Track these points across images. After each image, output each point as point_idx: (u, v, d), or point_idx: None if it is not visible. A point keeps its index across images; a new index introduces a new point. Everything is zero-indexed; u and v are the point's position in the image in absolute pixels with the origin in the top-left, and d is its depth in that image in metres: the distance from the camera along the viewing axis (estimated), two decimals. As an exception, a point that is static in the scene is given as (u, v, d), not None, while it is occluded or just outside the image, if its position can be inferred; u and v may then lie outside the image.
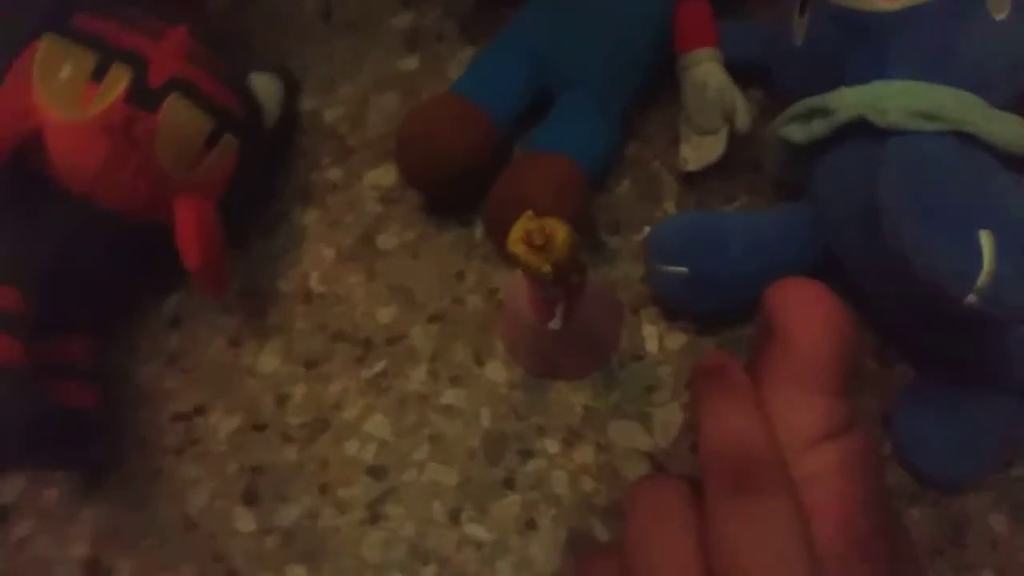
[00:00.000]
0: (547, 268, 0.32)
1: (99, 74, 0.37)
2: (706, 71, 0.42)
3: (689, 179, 0.44)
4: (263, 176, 0.46)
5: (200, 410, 0.41)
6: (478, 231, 0.45)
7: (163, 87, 0.38)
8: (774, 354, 0.28)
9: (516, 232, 0.32)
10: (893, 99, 0.34)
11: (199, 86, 0.39)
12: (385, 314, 0.43)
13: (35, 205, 0.36)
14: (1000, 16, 0.35)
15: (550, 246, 0.32)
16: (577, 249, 0.33)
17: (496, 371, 0.41)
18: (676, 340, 0.41)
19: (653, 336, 0.41)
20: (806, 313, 0.28)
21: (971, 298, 0.29)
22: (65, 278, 0.37)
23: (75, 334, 0.38)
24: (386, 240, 0.45)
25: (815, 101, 0.37)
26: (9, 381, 0.33)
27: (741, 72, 0.43)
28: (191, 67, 0.39)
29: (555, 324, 0.36)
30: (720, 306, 0.40)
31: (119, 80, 0.37)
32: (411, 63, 0.50)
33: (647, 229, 0.43)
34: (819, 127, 0.37)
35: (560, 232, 0.32)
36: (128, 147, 0.37)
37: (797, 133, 0.38)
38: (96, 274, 0.39)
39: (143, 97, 0.37)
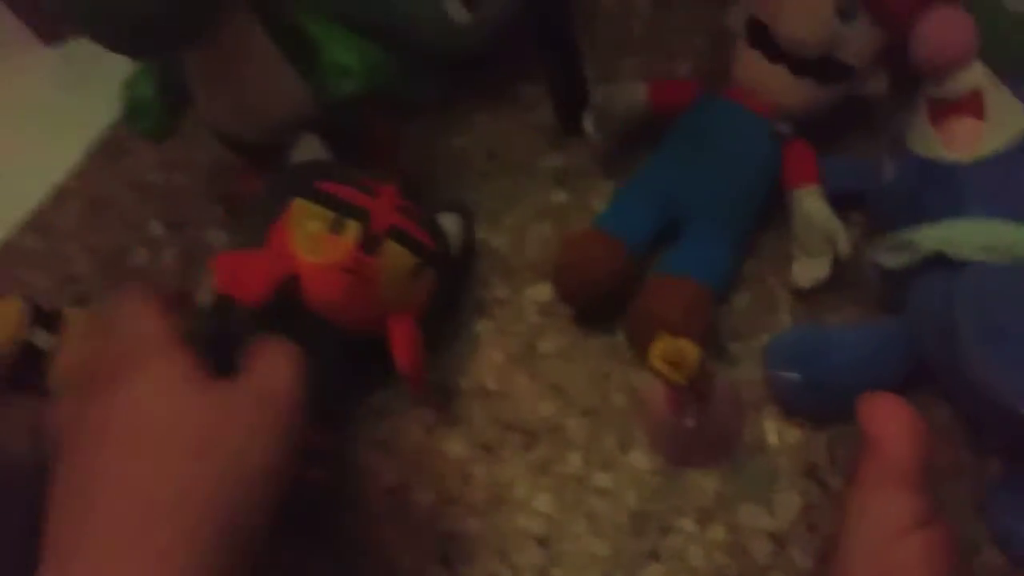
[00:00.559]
0: (681, 380, 0.41)
1: (336, 227, 0.48)
2: (811, 205, 0.50)
3: (800, 293, 0.52)
4: (449, 295, 0.57)
5: (403, 486, 0.52)
6: (620, 338, 0.54)
7: (382, 235, 0.49)
8: (867, 459, 0.36)
9: (655, 351, 0.41)
10: (966, 237, 0.41)
11: (407, 231, 0.50)
12: (545, 408, 0.53)
13: (297, 331, 0.48)
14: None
15: (683, 363, 0.41)
16: (704, 362, 0.42)
17: (639, 459, 0.50)
18: (793, 435, 0.48)
19: (773, 431, 0.49)
20: (889, 424, 0.36)
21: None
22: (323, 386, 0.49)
23: (317, 424, 0.50)
24: (545, 346, 0.55)
25: (902, 236, 0.44)
26: None
27: (842, 200, 0.51)
28: (400, 216, 0.50)
29: (689, 422, 0.45)
30: (829, 407, 0.47)
31: (352, 231, 0.48)
32: (561, 197, 0.61)
33: (765, 337, 0.51)
34: (907, 257, 0.44)
35: (691, 352, 0.41)
36: (359, 283, 0.48)
37: (890, 261, 0.45)
38: (336, 378, 0.50)
39: (369, 244, 0.48)
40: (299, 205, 0.48)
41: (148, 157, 0.72)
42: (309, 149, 0.52)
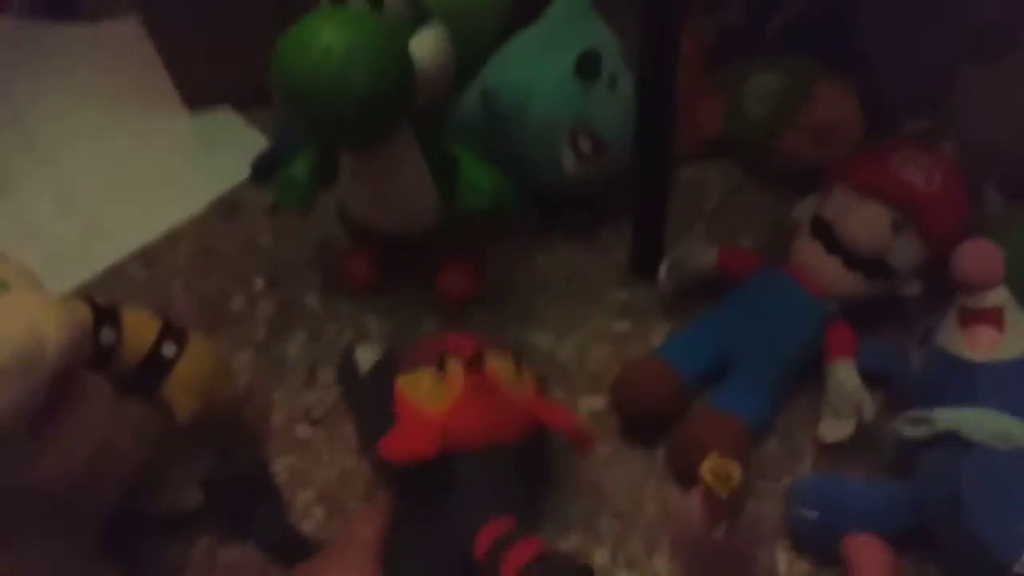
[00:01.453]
0: (724, 493, 0.48)
1: (441, 370, 0.53)
2: (845, 375, 0.59)
3: (823, 448, 0.60)
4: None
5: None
6: (659, 455, 0.61)
7: (477, 353, 0.53)
8: None
9: (707, 463, 0.49)
10: (977, 422, 0.50)
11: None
12: (583, 503, 0.59)
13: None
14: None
15: (729, 479, 0.48)
16: (743, 487, 0.49)
17: (661, 564, 0.56)
18: (801, 568, 0.55)
19: (784, 561, 0.55)
20: (869, 559, 0.44)
21: (1017, 568, 0.42)
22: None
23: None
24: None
25: (922, 413, 0.52)
26: None
27: (869, 377, 0.60)
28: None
29: (717, 534, 0.52)
30: (836, 546, 0.53)
31: (454, 364, 0.53)
32: (624, 326, 0.69)
33: (788, 479, 0.58)
34: (923, 431, 0.52)
35: (737, 471, 0.48)
36: (489, 395, 0.53)
37: (908, 431, 0.53)
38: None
39: (473, 363, 0.52)
40: (403, 381, 0.54)
41: (262, 222, 0.82)
42: (369, 354, 0.61)
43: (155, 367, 0.55)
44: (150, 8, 0.94)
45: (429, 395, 0.52)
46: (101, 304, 0.54)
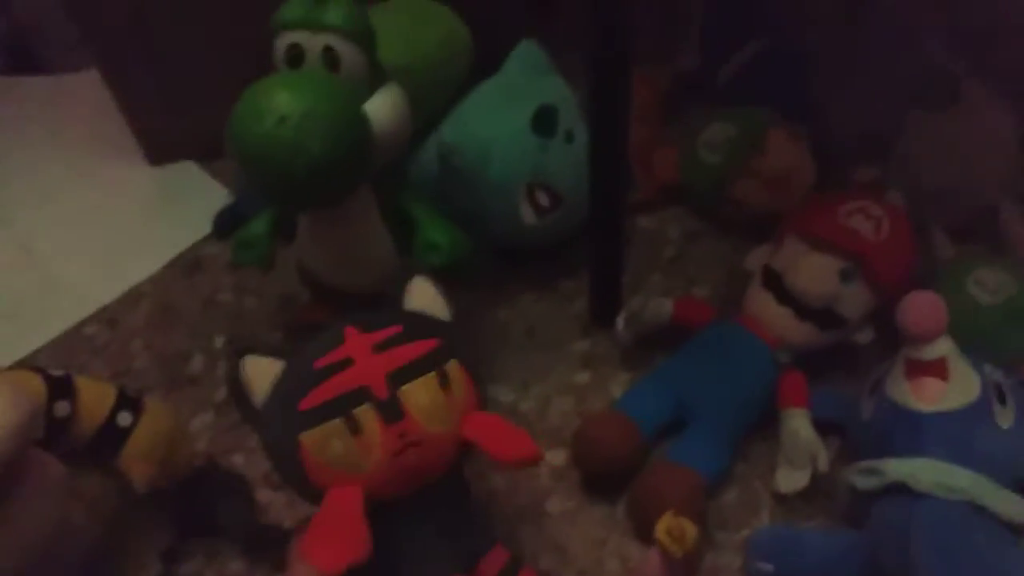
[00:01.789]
0: (679, 552, 0.48)
1: (353, 428, 0.46)
2: (798, 424, 0.59)
3: (780, 497, 0.60)
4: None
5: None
6: (620, 510, 0.61)
7: (391, 392, 0.47)
8: None
9: (662, 524, 0.49)
10: (924, 473, 0.50)
11: (404, 364, 0.48)
12: (545, 562, 0.59)
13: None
14: (1006, 425, 0.52)
15: (684, 538, 0.48)
16: (700, 542, 0.49)
17: (624, 621, 0.56)
18: (761, 621, 0.55)
19: (744, 614, 0.56)
20: None
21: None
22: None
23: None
24: (552, 506, 0.62)
25: (872, 464, 0.53)
26: None
27: (823, 425, 0.61)
28: (384, 354, 0.48)
29: (676, 592, 0.52)
30: (796, 600, 0.54)
31: (368, 419, 0.46)
32: (584, 377, 0.70)
33: (746, 531, 0.59)
34: (874, 481, 0.53)
35: (691, 530, 0.49)
36: (417, 444, 0.47)
37: (860, 482, 0.54)
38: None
39: (388, 414, 0.47)
40: (308, 439, 0.47)
41: (223, 278, 0.82)
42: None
43: (111, 437, 0.54)
44: (109, 61, 0.93)
45: (344, 459, 0.47)
46: (54, 375, 0.53)
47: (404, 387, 0.47)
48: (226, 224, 0.85)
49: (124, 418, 0.55)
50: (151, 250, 0.86)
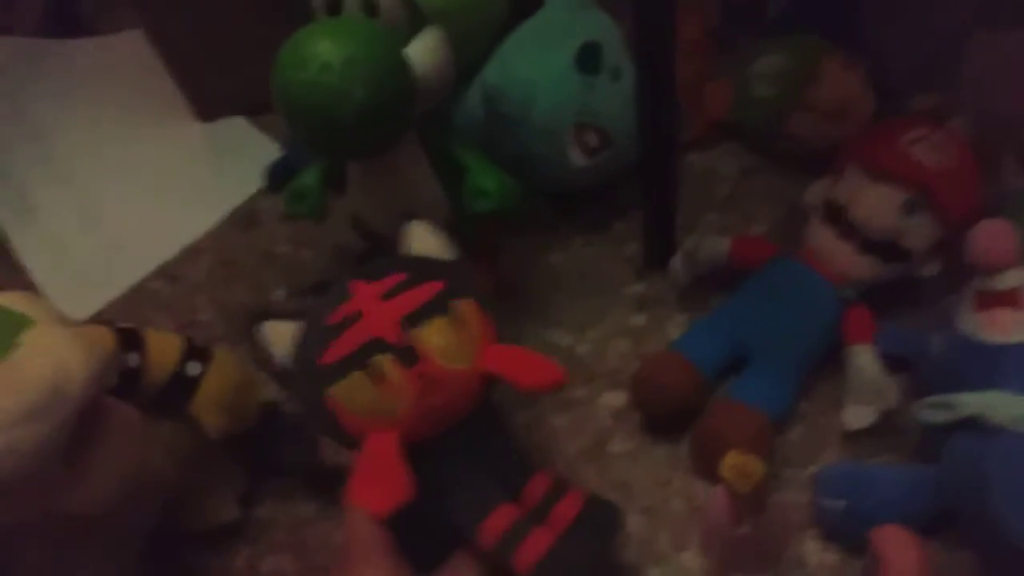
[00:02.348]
0: (745, 490, 0.48)
1: (375, 377, 0.47)
2: (865, 361, 0.58)
3: (846, 435, 0.60)
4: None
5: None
6: (683, 449, 0.61)
7: (405, 337, 0.48)
8: None
9: (727, 462, 0.49)
10: (998, 406, 0.49)
11: (413, 309, 0.49)
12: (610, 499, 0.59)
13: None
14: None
15: (750, 475, 0.48)
16: (766, 479, 0.49)
17: (690, 559, 0.56)
18: (831, 558, 0.55)
19: (813, 552, 0.55)
20: (898, 549, 0.44)
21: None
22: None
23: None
24: (614, 447, 0.62)
25: (943, 398, 0.52)
26: None
27: (891, 362, 0.59)
28: (394, 301, 0.49)
29: (744, 530, 0.52)
30: (866, 534, 0.53)
31: (387, 365, 0.47)
32: (640, 320, 0.70)
33: (812, 468, 0.58)
34: (946, 416, 0.52)
35: (758, 467, 0.48)
36: (436, 381, 0.48)
37: (930, 417, 0.53)
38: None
39: (405, 358, 0.47)
40: (335, 394, 0.48)
41: (279, 231, 0.83)
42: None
43: (181, 386, 0.56)
44: (153, 20, 0.94)
45: (373, 407, 0.48)
46: (124, 328, 0.55)
47: (416, 330, 0.48)
48: (278, 177, 0.85)
49: (193, 367, 0.56)
50: (207, 206, 0.87)
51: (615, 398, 0.65)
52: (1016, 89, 0.67)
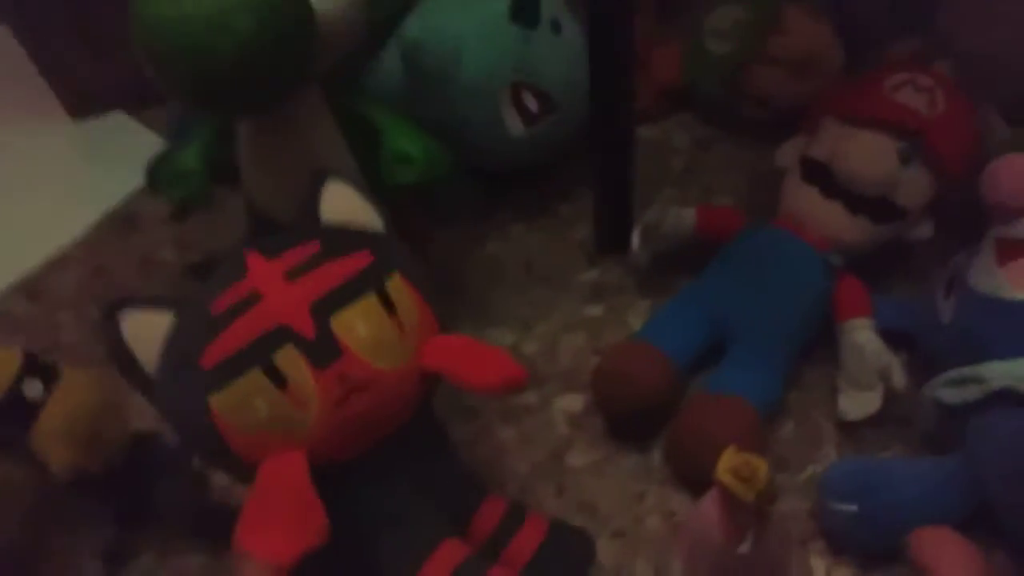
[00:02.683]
0: (751, 496, 0.38)
1: (276, 380, 0.36)
2: (863, 337, 0.50)
3: (845, 427, 0.50)
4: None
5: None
6: (656, 457, 0.51)
7: (320, 328, 0.37)
8: None
9: (724, 464, 0.39)
10: (1038, 374, 0.41)
11: (327, 292, 0.38)
12: (574, 523, 0.48)
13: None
14: None
15: (754, 478, 0.38)
16: (773, 481, 0.39)
17: (675, 588, 0.46)
18: (843, 573, 0.45)
19: (821, 568, 0.46)
20: (944, 555, 0.34)
21: None
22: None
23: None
24: (574, 459, 0.52)
25: (968, 371, 0.44)
26: None
27: (890, 338, 0.51)
28: (303, 282, 0.38)
29: (744, 547, 0.42)
30: (884, 543, 0.44)
31: (294, 365, 0.37)
32: (596, 310, 0.60)
33: (811, 469, 0.49)
34: (972, 392, 0.43)
35: (763, 468, 0.38)
36: (361, 384, 0.38)
37: (951, 396, 0.44)
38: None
39: (318, 355, 0.37)
40: (220, 403, 0.37)
41: (162, 234, 0.70)
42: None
43: (17, 411, 0.43)
44: (17, 12, 0.82)
45: (273, 420, 0.36)
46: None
47: (336, 317, 0.37)
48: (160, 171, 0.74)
49: (32, 387, 0.44)
50: (78, 210, 0.74)
51: (572, 402, 0.55)
52: (995, 35, 0.61)
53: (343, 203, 0.43)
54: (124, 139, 0.81)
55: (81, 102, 0.84)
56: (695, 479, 0.48)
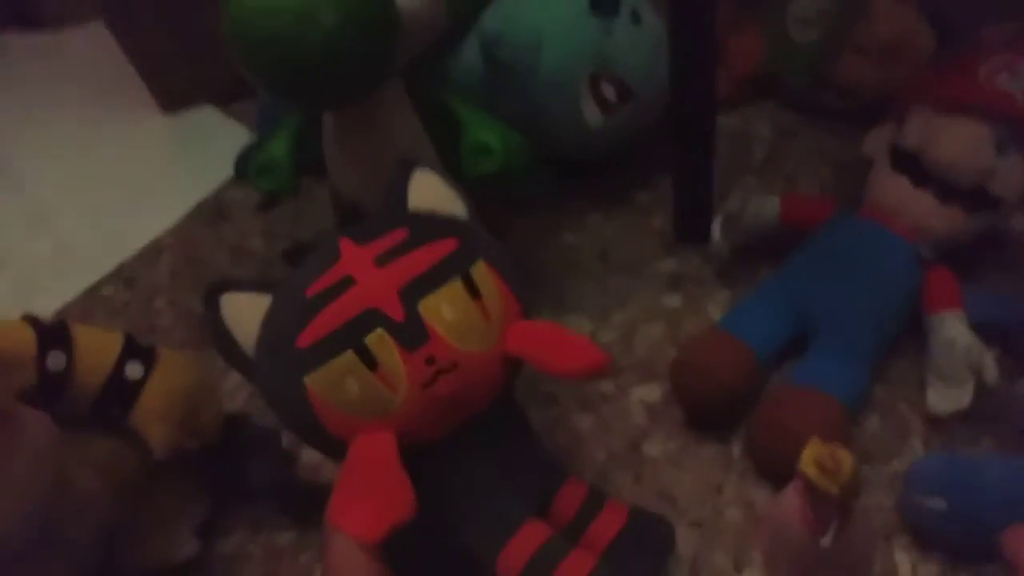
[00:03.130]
0: (835, 489, 0.38)
1: (368, 361, 0.37)
2: (954, 330, 0.48)
3: (934, 421, 0.49)
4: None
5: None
6: (735, 448, 0.51)
7: (407, 313, 0.38)
8: None
9: (808, 455, 0.38)
10: None
11: (416, 276, 0.39)
12: (650, 514, 0.49)
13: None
14: None
15: (839, 471, 0.38)
16: (858, 474, 0.38)
17: (754, 581, 0.46)
18: (928, 570, 0.44)
19: (906, 563, 0.45)
20: None
21: None
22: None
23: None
24: (652, 449, 0.52)
25: (1067, 367, 0.42)
26: None
27: (982, 331, 0.49)
28: (393, 266, 0.39)
29: (826, 541, 0.41)
30: (972, 541, 0.43)
31: (384, 347, 0.37)
32: (675, 301, 0.59)
33: (896, 463, 0.48)
34: (1074, 388, 0.42)
35: (848, 460, 0.38)
36: (451, 371, 0.38)
37: (1048, 392, 0.43)
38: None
39: (407, 339, 0.37)
40: (315, 382, 0.37)
41: (251, 224, 0.73)
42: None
43: (120, 392, 0.45)
44: (114, 10, 0.86)
45: (364, 400, 0.37)
46: (46, 323, 0.45)
47: (423, 302, 0.38)
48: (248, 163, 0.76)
49: (134, 369, 0.46)
50: (171, 201, 0.77)
51: (649, 392, 0.54)
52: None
53: (429, 191, 0.43)
54: (214, 132, 0.85)
55: (172, 96, 0.88)
56: (775, 472, 0.48)
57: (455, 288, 0.38)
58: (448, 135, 0.54)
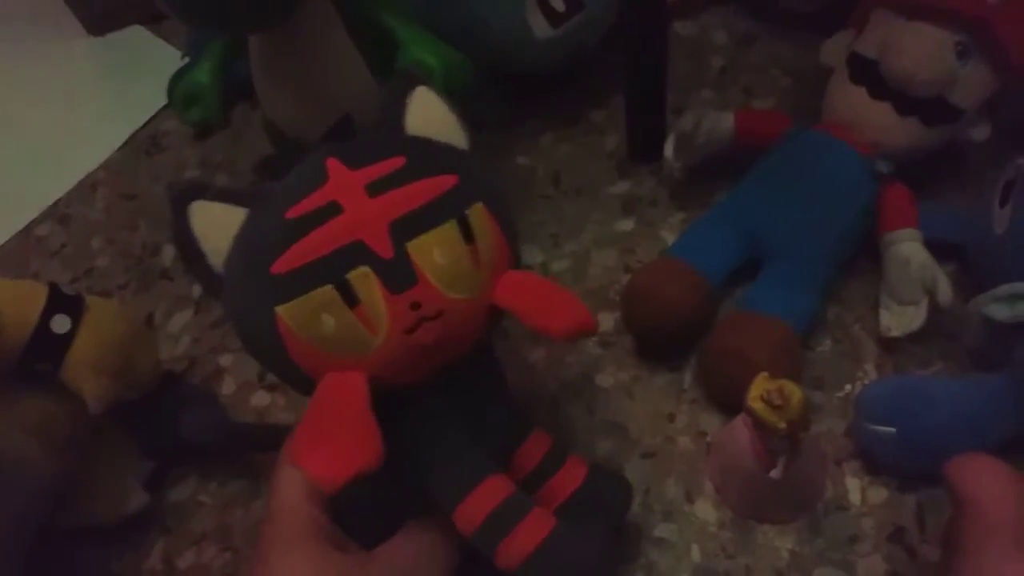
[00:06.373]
0: (782, 425, 0.37)
1: (349, 298, 0.34)
2: (909, 249, 0.47)
3: (887, 343, 0.48)
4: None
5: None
6: (687, 377, 0.50)
7: (399, 249, 0.35)
8: (965, 523, 0.32)
9: (755, 390, 0.38)
10: (1101, 292, 0.38)
11: (408, 212, 0.35)
12: (602, 447, 0.48)
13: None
14: None
15: (787, 406, 0.37)
16: (806, 407, 0.38)
17: (705, 510, 0.45)
18: (878, 494, 0.44)
19: (856, 488, 0.45)
20: (986, 483, 0.33)
21: None
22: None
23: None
24: (604, 379, 0.51)
25: (1018, 287, 0.41)
26: None
27: (935, 250, 0.48)
28: (384, 196, 0.35)
29: (776, 474, 0.41)
30: (922, 465, 0.43)
31: (367, 284, 0.34)
32: (628, 225, 0.57)
33: (848, 387, 0.48)
34: (1022, 310, 0.41)
35: (796, 394, 0.37)
36: (439, 317, 0.36)
37: (1001, 312, 0.42)
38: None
39: (395, 278, 0.34)
40: (287, 313, 0.34)
41: (187, 155, 0.69)
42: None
43: (47, 346, 0.43)
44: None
45: (340, 339, 0.34)
46: (-44, 279, 0.42)
47: (414, 242, 0.34)
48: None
49: (61, 322, 0.44)
50: (102, 132, 0.73)
51: (602, 320, 0.53)
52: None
53: (431, 114, 0.39)
54: (143, 54, 0.79)
55: (98, 16, 0.82)
56: (726, 400, 0.47)
57: (450, 230, 0.35)
58: (382, 54, 0.50)
